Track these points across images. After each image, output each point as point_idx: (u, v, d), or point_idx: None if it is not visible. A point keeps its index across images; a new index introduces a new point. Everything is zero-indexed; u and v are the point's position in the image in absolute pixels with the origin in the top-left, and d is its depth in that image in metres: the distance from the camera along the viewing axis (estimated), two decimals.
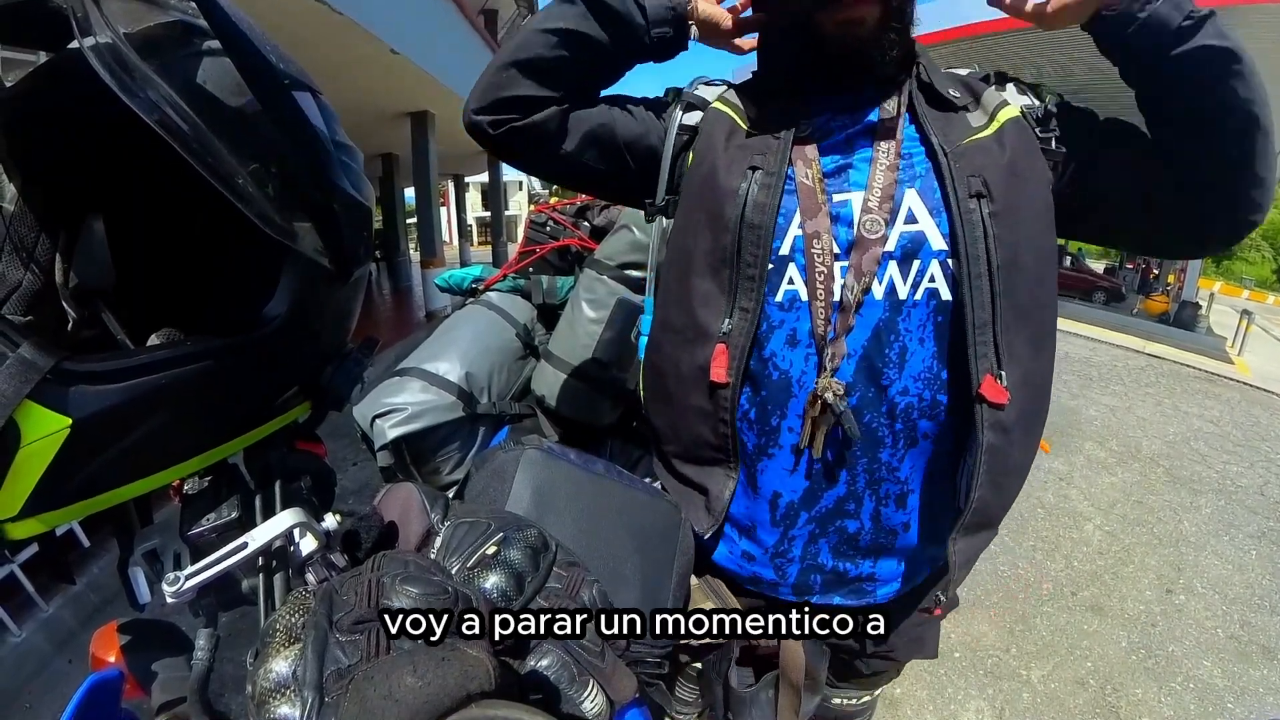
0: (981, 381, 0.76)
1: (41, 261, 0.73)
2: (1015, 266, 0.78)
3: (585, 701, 0.68)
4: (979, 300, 0.76)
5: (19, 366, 0.51)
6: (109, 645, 0.75)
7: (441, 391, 1.39)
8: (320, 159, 0.63)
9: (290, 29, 5.60)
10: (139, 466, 0.62)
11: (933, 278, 0.80)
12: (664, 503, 1.13)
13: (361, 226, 0.72)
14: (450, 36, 9.06)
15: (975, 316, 0.76)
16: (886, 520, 0.87)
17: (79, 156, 0.74)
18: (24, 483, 0.53)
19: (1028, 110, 0.86)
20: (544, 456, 1.09)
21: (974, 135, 0.83)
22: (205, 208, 0.69)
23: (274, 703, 0.54)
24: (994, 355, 0.77)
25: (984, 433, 0.77)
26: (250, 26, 0.61)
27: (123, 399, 0.56)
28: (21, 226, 0.71)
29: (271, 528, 0.70)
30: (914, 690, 2.18)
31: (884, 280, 0.80)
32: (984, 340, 0.77)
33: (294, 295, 0.69)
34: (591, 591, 0.81)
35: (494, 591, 0.75)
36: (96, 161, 0.75)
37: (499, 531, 0.81)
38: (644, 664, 0.83)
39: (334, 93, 0.71)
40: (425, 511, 0.85)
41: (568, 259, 1.76)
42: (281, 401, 0.77)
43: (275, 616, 0.60)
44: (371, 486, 3.42)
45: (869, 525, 0.87)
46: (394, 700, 0.49)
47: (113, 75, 0.51)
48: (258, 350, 0.68)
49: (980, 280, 0.76)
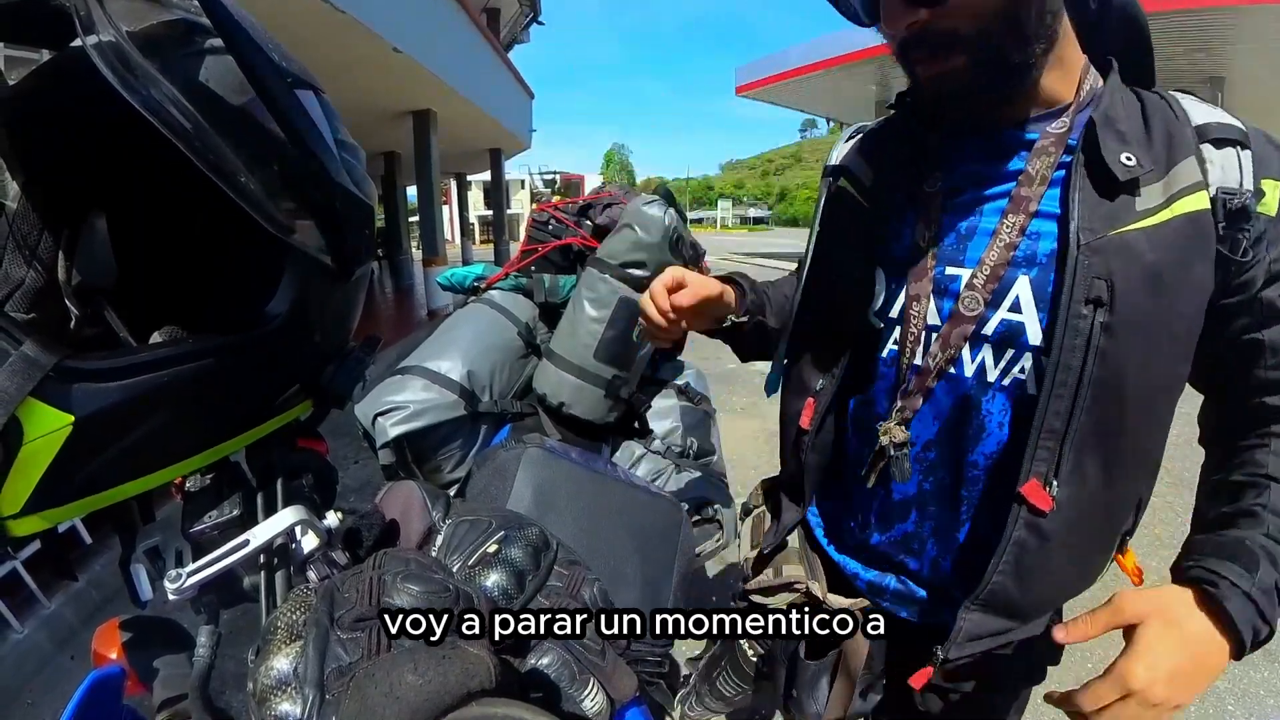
0: (1027, 482, 0.73)
1: (44, 259, 0.73)
2: (1116, 387, 0.71)
3: (586, 700, 0.68)
4: (1054, 409, 0.71)
5: (21, 364, 0.51)
6: (111, 642, 0.75)
7: (443, 390, 1.40)
8: (322, 157, 0.63)
9: (292, 27, 5.61)
10: (141, 464, 0.62)
11: (1023, 370, 0.76)
12: (665, 502, 1.13)
13: (364, 225, 0.73)
14: (452, 35, 9.05)
15: (1045, 422, 0.72)
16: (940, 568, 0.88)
17: (82, 155, 0.74)
18: (26, 480, 0.53)
19: (1226, 196, 0.69)
20: (545, 455, 1.10)
21: (1129, 225, 0.70)
22: (207, 206, 0.69)
23: (275, 700, 0.54)
24: (1053, 464, 0.73)
25: (1015, 527, 0.74)
26: (252, 25, 0.61)
27: (125, 396, 0.56)
28: (24, 224, 0.71)
29: (273, 525, 0.70)
30: None
31: (976, 359, 0.78)
32: (1046, 446, 0.72)
33: (296, 293, 0.69)
34: (592, 590, 0.81)
35: (495, 590, 0.75)
36: (99, 160, 0.75)
37: (500, 530, 0.82)
38: (645, 663, 0.83)
39: (336, 91, 0.71)
40: (426, 509, 0.86)
41: (570, 257, 1.76)
42: (283, 399, 0.77)
43: (276, 614, 0.60)
44: (373, 484, 3.42)
45: (927, 568, 0.89)
46: (395, 698, 0.49)
47: (115, 73, 0.51)
48: (259, 348, 0.68)
49: (1063, 390, 0.70)
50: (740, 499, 1.26)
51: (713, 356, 6.81)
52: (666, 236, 1.50)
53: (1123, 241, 0.69)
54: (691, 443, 1.68)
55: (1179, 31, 9.28)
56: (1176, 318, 0.71)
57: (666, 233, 1.50)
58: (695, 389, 1.82)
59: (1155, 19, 4.77)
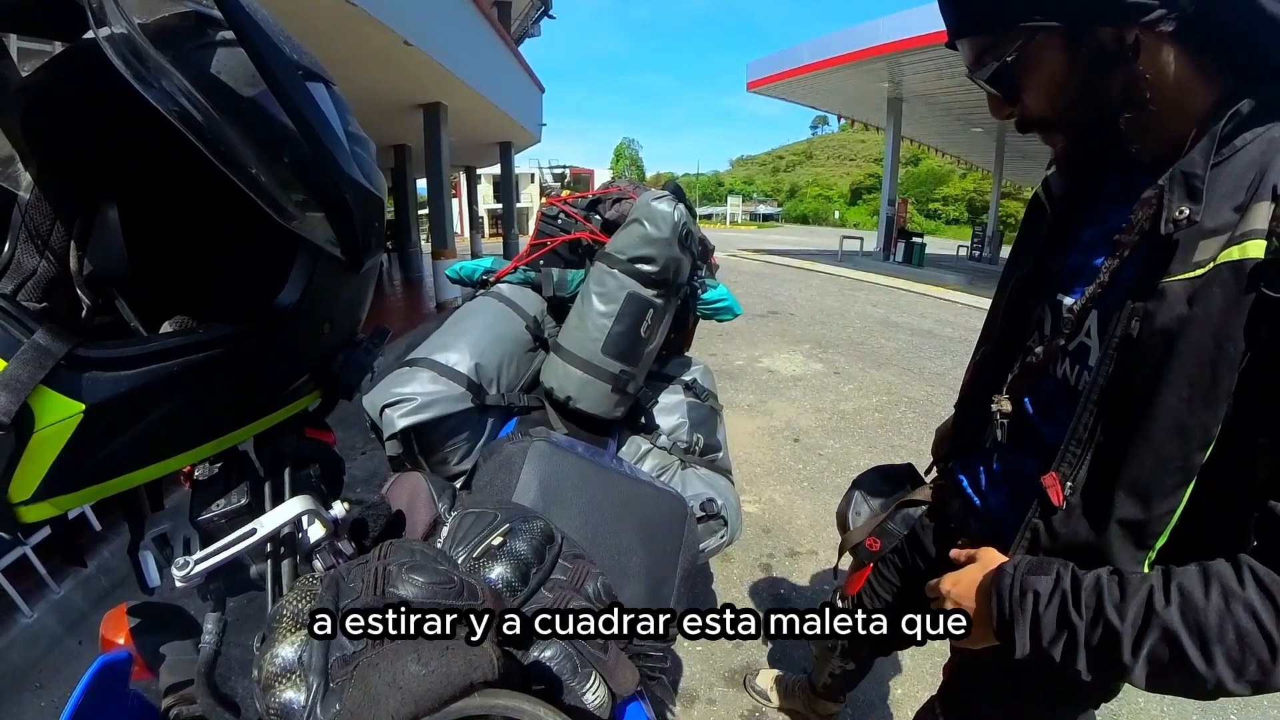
0: (1047, 474, 0.83)
1: (56, 249, 0.74)
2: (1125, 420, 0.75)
3: (587, 694, 0.69)
4: (1084, 420, 0.80)
5: (34, 352, 0.51)
6: (118, 627, 0.76)
7: (451, 382, 1.40)
8: (333, 150, 0.63)
9: (304, 20, 5.62)
10: (150, 452, 0.63)
11: (1083, 382, 0.84)
12: (670, 498, 1.13)
13: (373, 217, 0.73)
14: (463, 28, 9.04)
15: (1074, 430, 0.81)
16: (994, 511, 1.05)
17: (94, 146, 0.74)
18: (37, 467, 0.53)
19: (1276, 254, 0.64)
20: (551, 448, 1.10)
21: (1174, 276, 0.70)
22: (218, 197, 0.69)
23: (280, 687, 0.54)
24: (1071, 466, 0.81)
25: (1034, 514, 0.86)
26: (264, 17, 0.61)
27: (135, 385, 0.57)
28: (37, 214, 0.72)
29: (280, 514, 0.70)
30: (915, 692, 2.17)
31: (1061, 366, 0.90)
32: (1073, 451, 0.81)
33: (306, 284, 0.69)
34: (596, 585, 0.81)
35: (499, 582, 0.76)
36: (111, 151, 0.75)
37: (505, 522, 0.82)
38: (647, 658, 0.83)
39: (347, 84, 0.71)
40: (433, 501, 0.86)
41: (579, 252, 1.76)
42: (292, 390, 0.78)
43: (282, 602, 0.61)
44: (380, 475, 3.44)
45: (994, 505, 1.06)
46: (398, 687, 0.49)
47: (127, 65, 0.52)
48: (269, 338, 0.68)
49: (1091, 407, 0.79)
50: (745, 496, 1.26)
51: (720, 353, 6.82)
52: (676, 232, 1.49)
53: (1165, 289, 0.71)
54: (698, 439, 1.68)
55: None
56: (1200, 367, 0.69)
57: (676, 228, 1.49)
58: (702, 385, 1.82)
59: None
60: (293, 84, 0.59)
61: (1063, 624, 0.75)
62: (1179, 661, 0.67)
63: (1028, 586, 0.79)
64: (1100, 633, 0.72)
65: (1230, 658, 0.65)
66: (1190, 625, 0.67)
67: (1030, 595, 0.78)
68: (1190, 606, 0.67)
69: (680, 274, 1.56)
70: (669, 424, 1.69)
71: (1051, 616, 0.76)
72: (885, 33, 13.45)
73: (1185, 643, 0.66)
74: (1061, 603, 0.76)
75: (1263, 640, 0.64)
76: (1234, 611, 0.65)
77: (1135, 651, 0.69)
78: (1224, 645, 0.65)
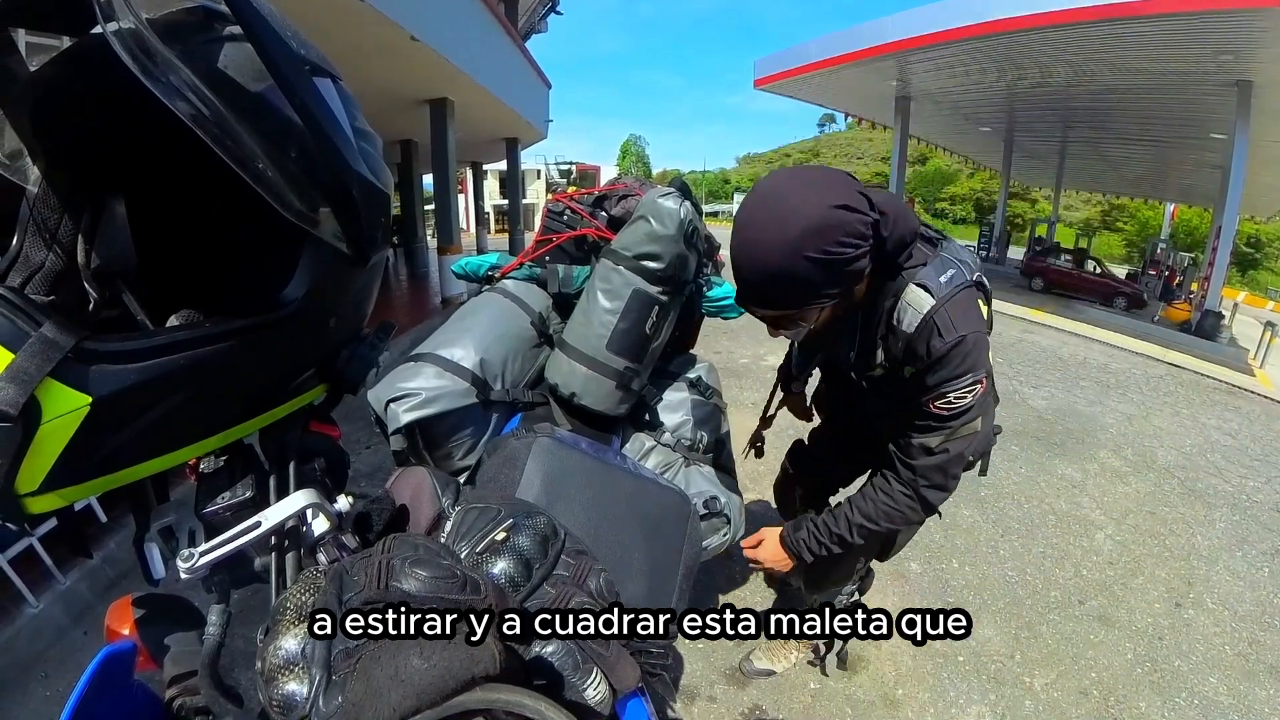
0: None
1: (64, 242, 0.74)
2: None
3: (589, 689, 0.69)
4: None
5: (41, 345, 0.52)
6: (123, 618, 0.77)
7: (456, 378, 1.40)
8: (339, 145, 0.63)
9: (310, 15, 5.62)
10: (156, 444, 0.63)
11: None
12: (673, 495, 1.13)
13: (380, 212, 0.73)
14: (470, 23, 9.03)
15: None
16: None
17: (101, 140, 0.74)
18: (44, 458, 0.54)
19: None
20: (555, 445, 1.10)
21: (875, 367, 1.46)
22: (225, 191, 0.69)
23: (283, 679, 0.55)
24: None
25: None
26: (271, 12, 0.61)
27: (142, 378, 0.57)
28: (44, 208, 0.72)
29: (285, 508, 0.71)
30: (915, 692, 2.17)
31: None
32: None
33: (312, 279, 0.69)
34: (599, 581, 0.81)
35: (502, 577, 0.76)
36: (118, 145, 0.75)
37: (509, 518, 0.82)
38: (648, 654, 0.83)
39: (354, 79, 0.71)
40: (436, 496, 0.86)
41: (584, 248, 1.76)
42: (297, 384, 0.78)
43: (286, 595, 0.61)
44: (384, 470, 3.45)
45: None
46: (400, 681, 0.49)
47: (135, 60, 0.52)
48: (275, 333, 0.69)
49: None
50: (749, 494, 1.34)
51: (725, 351, 6.81)
52: (681, 229, 1.49)
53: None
54: (701, 436, 1.68)
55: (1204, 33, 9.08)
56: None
57: (682, 226, 1.49)
58: (707, 383, 1.82)
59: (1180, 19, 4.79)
60: (300, 79, 0.60)
61: (819, 543, 1.52)
62: (868, 529, 1.44)
63: (797, 535, 1.55)
64: (834, 536, 1.49)
65: (887, 518, 1.42)
66: (865, 513, 1.44)
67: (800, 539, 1.54)
68: (859, 507, 1.45)
69: (686, 271, 1.55)
70: (673, 421, 1.69)
71: (813, 543, 1.52)
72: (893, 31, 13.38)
73: (867, 522, 1.44)
74: (814, 534, 1.52)
75: (891, 504, 1.41)
76: (878, 498, 1.43)
77: (852, 535, 1.46)
78: (881, 514, 1.42)
